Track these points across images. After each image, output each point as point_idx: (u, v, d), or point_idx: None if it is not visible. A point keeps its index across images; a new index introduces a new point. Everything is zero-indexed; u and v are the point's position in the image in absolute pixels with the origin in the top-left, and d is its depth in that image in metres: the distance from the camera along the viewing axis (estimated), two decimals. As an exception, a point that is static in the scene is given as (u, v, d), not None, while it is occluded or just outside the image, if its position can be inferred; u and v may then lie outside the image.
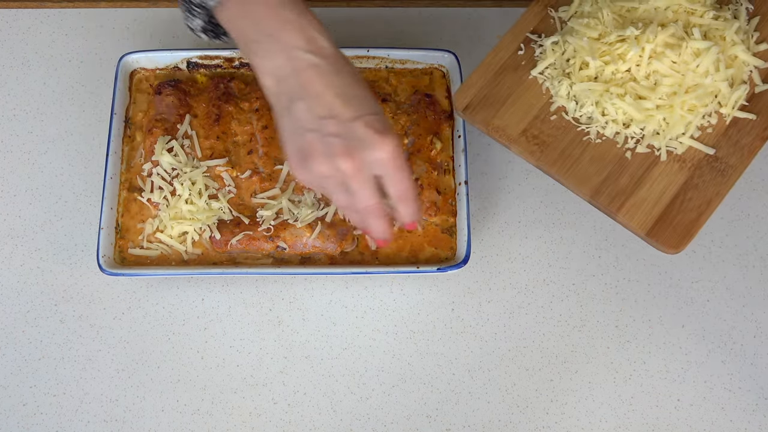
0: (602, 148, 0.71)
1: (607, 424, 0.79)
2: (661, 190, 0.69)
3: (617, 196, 0.69)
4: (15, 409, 0.80)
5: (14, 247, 0.85)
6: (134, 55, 0.87)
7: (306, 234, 0.80)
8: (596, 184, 0.70)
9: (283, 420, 0.79)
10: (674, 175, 0.70)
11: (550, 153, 0.71)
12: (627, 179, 0.70)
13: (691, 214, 0.68)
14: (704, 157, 0.70)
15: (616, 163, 0.70)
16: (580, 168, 0.71)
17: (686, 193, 0.69)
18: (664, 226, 0.68)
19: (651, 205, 0.69)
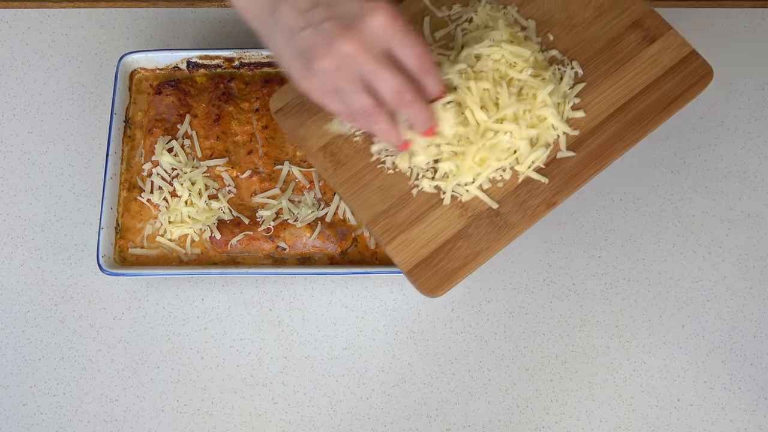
0: (392, 179, 0.71)
1: (607, 424, 0.79)
2: (434, 233, 0.69)
3: (391, 230, 0.69)
4: (15, 409, 0.80)
5: (14, 247, 0.85)
6: (134, 55, 0.87)
7: (306, 234, 0.80)
8: (375, 213, 0.70)
9: (283, 420, 0.79)
10: (453, 220, 0.69)
11: (342, 173, 0.71)
12: (406, 215, 0.70)
13: (455, 263, 0.68)
14: (487, 209, 0.69)
15: (400, 197, 0.70)
16: (366, 194, 0.71)
17: (458, 241, 0.69)
18: (426, 269, 0.68)
19: (420, 246, 0.69)
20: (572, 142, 0.71)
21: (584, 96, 0.73)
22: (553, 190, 0.70)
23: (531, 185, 0.70)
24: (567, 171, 0.70)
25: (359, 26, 0.59)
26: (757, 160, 0.89)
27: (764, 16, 0.94)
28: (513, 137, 0.69)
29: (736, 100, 0.91)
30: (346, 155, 0.72)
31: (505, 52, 0.71)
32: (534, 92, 0.70)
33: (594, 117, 0.72)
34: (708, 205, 0.87)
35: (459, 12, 0.76)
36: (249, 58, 0.87)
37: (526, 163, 0.70)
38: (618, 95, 0.72)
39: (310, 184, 0.82)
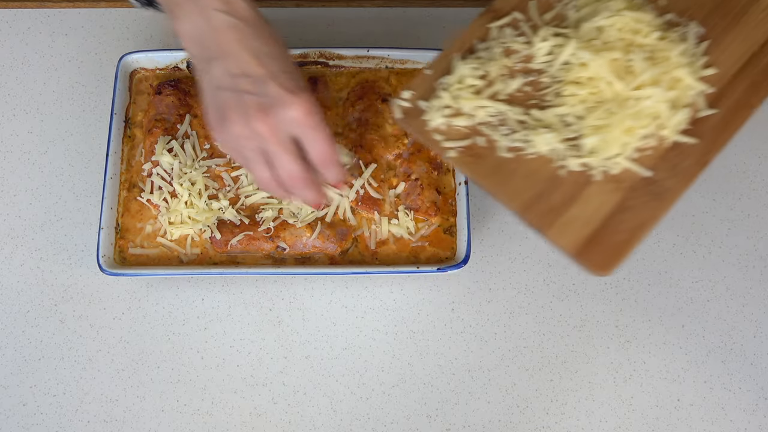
0: (536, 163, 0.69)
1: (607, 424, 0.79)
2: (593, 210, 0.67)
3: (548, 214, 0.67)
4: (15, 409, 0.80)
5: (14, 247, 0.85)
6: (134, 55, 0.87)
7: (306, 234, 0.80)
8: (527, 200, 0.67)
9: (283, 420, 0.79)
10: (608, 195, 0.67)
11: (484, 166, 0.69)
12: (559, 197, 0.67)
13: (622, 236, 0.66)
14: (641, 179, 0.68)
15: (549, 180, 0.68)
16: (513, 183, 0.68)
17: (619, 214, 0.67)
18: (593, 248, 0.66)
19: (582, 225, 0.66)
20: (710, 99, 0.70)
21: (710, 53, 0.72)
22: (703, 150, 0.68)
23: (680, 148, 0.69)
24: (712, 128, 0.69)
25: (274, 112, 0.65)
26: (757, 160, 0.89)
27: (764, 16, 0.94)
28: (656, 102, 0.68)
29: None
30: (483, 148, 0.70)
31: (627, 20, 0.70)
32: (665, 54, 0.70)
33: (726, 71, 0.71)
34: (708, 205, 0.87)
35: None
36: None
37: (671, 126, 0.69)
38: (745, 46, 0.71)
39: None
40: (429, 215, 0.81)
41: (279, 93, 0.65)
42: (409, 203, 0.82)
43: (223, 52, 0.66)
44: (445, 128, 0.70)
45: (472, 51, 0.74)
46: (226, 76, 0.66)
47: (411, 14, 0.96)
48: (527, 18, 0.75)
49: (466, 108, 0.71)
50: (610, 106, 0.68)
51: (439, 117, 0.70)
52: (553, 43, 0.71)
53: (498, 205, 0.86)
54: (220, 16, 0.65)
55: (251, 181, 0.82)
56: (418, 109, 0.72)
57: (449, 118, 0.70)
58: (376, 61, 0.88)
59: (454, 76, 0.72)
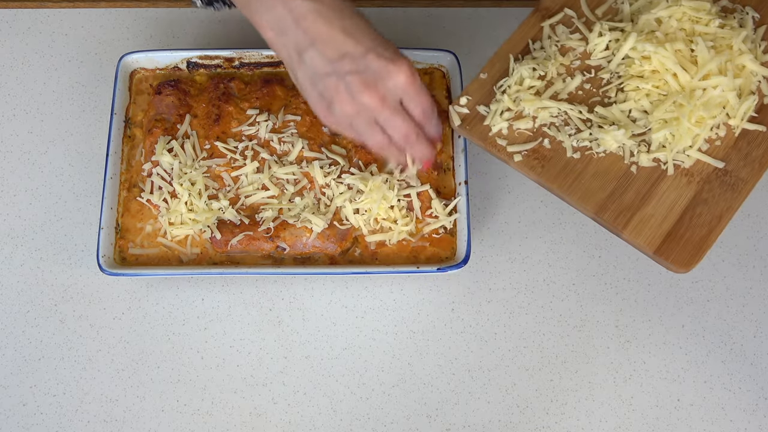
0: (606, 162, 0.68)
1: (607, 424, 0.79)
2: (668, 206, 0.66)
3: (623, 213, 0.66)
4: (15, 409, 0.80)
5: (14, 247, 0.85)
6: (134, 55, 0.87)
7: (306, 234, 0.80)
8: (601, 200, 0.67)
9: (283, 420, 0.79)
10: (682, 189, 0.67)
11: (552, 168, 0.68)
12: (633, 195, 0.67)
13: (701, 231, 0.65)
14: (713, 170, 0.67)
15: (620, 178, 0.67)
16: (583, 183, 0.67)
17: (695, 208, 0.66)
18: (672, 244, 0.65)
19: (659, 222, 0.66)
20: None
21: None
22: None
23: (749, 136, 0.68)
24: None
25: (381, 84, 0.67)
26: (757, 160, 0.89)
27: (764, 16, 0.94)
28: (724, 91, 0.67)
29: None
30: (549, 149, 0.69)
31: (685, 9, 0.70)
32: (727, 42, 0.69)
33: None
34: (708, 205, 0.87)
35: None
36: (249, 58, 0.87)
37: (738, 114, 0.68)
38: None
39: (311, 185, 0.82)
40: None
41: (380, 64, 0.66)
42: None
43: (313, 38, 0.66)
44: (508, 133, 0.70)
45: (527, 51, 0.73)
46: (324, 62, 0.67)
47: (411, 14, 0.96)
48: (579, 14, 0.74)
49: (528, 110, 0.70)
50: (677, 98, 0.67)
51: (501, 121, 0.70)
52: (611, 38, 0.71)
53: (498, 205, 0.86)
54: (302, 3, 0.66)
55: (251, 181, 0.82)
56: (478, 115, 0.71)
57: (511, 121, 0.70)
58: (376, 61, 0.88)
59: (512, 77, 0.71)
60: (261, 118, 0.85)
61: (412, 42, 0.93)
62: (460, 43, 0.93)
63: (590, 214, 0.67)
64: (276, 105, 0.86)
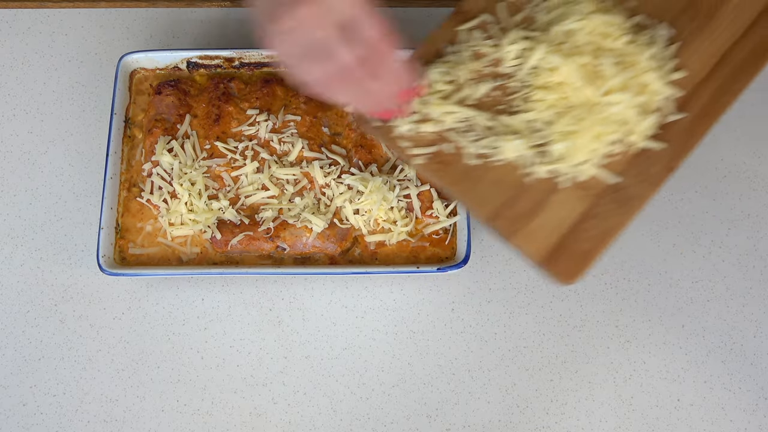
0: (504, 170, 0.68)
1: (607, 424, 0.79)
2: (560, 218, 0.66)
3: (514, 222, 0.66)
4: (15, 409, 0.80)
5: (14, 247, 0.85)
6: (134, 55, 0.87)
7: (306, 234, 0.80)
8: (495, 208, 0.67)
9: (283, 420, 0.79)
10: (575, 202, 0.66)
11: (451, 173, 0.68)
12: (526, 204, 0.66)
13: (588, 244, 0.65)
14: (608, 185, 0.67)
15: (516, 187, 0.67)
16: (480, 190, 0.67)
17: (585, 222, 0.66)
18: (559, 256, 0.65)
19: (548, 233, 0.66)
20: (679, 103, 0.69)
21: (680, 56, 0.71)
22: (670, 155, 0.68)
23: (647, 153, 0.68)
24: (680, 133, 0.68)
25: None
26: (757, 160, 0.89)
27: (764, 16, 0.94)
28: (624, 108, 0.67)
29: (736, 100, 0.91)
30: (450, 154, 0.69)
31: (597, 23, 0.69)
32: (634, 59, 0.69)
33: (695, 75, 0.70)
34: (708, 205, 0.87)
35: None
36: (249, 58, 0.87)
37: (639, 131, 0.68)
38: (714, 48, 0.71)
39: (311, 185, 0.82)
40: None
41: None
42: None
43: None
44: (412, 134, 0.70)
45: (441, 55, 0.73)
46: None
47: (411, 14, 0.96)
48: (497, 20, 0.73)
49: (434, 114, 0.70)
50: (579, 111, 0.68)
51: (406, 123, 0.69)
52: (522, 47, 0.70)
53: (498, 205, 0.86)
54: None
55: (251, 181, 0.82)
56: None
57: (417, 124, 0.70)
58: (376, 61, 0.88)
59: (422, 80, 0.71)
60: (261, 118, 0.85)
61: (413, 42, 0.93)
62: (460, 43, 0.93)
63: (482, 220, 0.67)
64: (276, 105, 0.86)
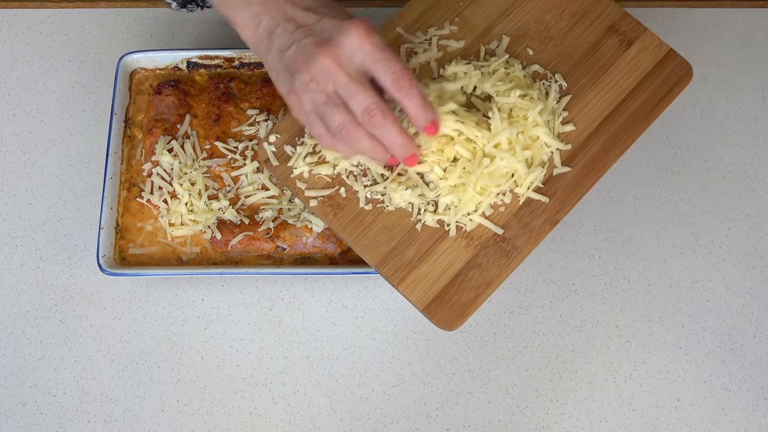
0: (394, 217, 0.70)
1: (607, 424, 0.79)
2: (444, 267, 0.69)
3: (401, 269, 0.69)
4: (15, 409, 0.80)
5: (14, 247, 0.85)
6: (134, 55, 0.87)
7: (306, 234, 0.80)
8: (383, 254, 0.69)
9: (283, 420, 0.79)
10: (460, 251, 0.69)
11: (343, 217, 0.70)
12: (413, 252, 0.69)
13: (469, 294, 0.68)
14: (492, 236, 0.69)
15: (405, 234, 0.70)
16: (370, 235, 0.70)
17: (468, 271, 0.68)
18: (441, 304, 0.68)
19: (432, 281, 0.68)
20: (566, 156, 0.71)
21: (571, 108, 0.73)
22: (554, 208, 0.70)
23: (532, 205, 0.70)
24: (565, 187, 0.71)
25: (334, 42, 0.62)
26: (757, 160, 0.89)
27: (764, 16, 0.94)
28: (509, 162, 0.69)
29: (736, 100, 0.91)
30: (344, 198, 0.71)
31: (489, 80, 0.71)
32: (524, 113, 0.70)
33: (584, 129, 0.72)
34: (708, 205, 0.87)
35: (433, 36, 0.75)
36: (249, 58, 0.87)
37: (525, 184, 0.70)
38: (604, 104, 0.73)
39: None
40: None
41: (333, 24, 0.62)
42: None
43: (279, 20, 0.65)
44: (308, 176, 0.72)
45: None
46: (288, 36, 0.64)
47: (411, 14, 0.96)
48: None
49: (329, 157, 0.72)
50: (466, 165, 0.69)
51: (303, 165, 0.71)
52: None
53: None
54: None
55: (251, 181, 0.82)
56: (285, 154, 0.72)
57: (313, 166, 0.71)
58: (376, 61, 0.88)
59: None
60: (261, 118, 0.85)
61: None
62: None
63: (372, 265, 0.69)
64: (276, 105, 0.86)
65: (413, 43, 0.75)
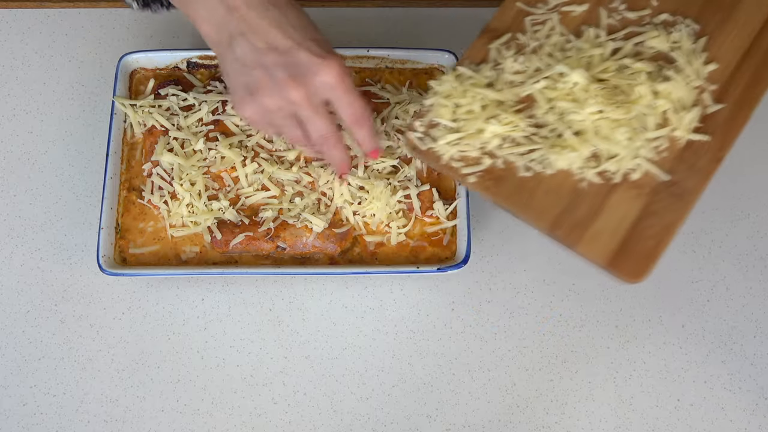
0: (557, 179, 0.69)
1: (607, 424, 0.79)
2: (618, 219, 0.67)
3: (575, 228, 0.67)
4: (15, 409, 0.80)
5: (14, 247, 0.85)
6: (134, 55, 0.87)
7: (306, 234, 0.80)
8: (554, 217, 0.67)
9: (283, 420, 0.79)
10: (632, 202, 0.67)
11: (505, 187, 0.69)
12: (585, 210, 0.67)
13: (650, 242, 0.66)
14: (661, 182, 0.68)
15: (572, 194, 0.68)
16: (536, 201, 0.68)
17: (644, 220, 0.67)
18: (624, 256, 0.66)
19: (609, 236, 0.66)
20: (716, 94, 0.71)
21: (710, 49, 0.72)
22: (716, 145, 0.69)
23: (694, 146, 0.69)
24: (722, 123, 0.70)
25: (307, 80, 0.66)
26: (757, 161, 0.89)
27: (764, 16, 0.94)
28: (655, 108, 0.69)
29: None
30: (501, 169, 0.69)
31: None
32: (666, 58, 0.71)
33: (727, 65, 0.71)
34: (708, 205, 0.87)
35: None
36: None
37: (682, 126, 0.69)
38: (741, 39, 0.72)
39: (311, 185, 0.82)
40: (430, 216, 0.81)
41: (309, 60, 0.65)
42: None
43: (244, 28, 0.65)
44: (457, 155, 0.70)
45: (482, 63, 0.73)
46: (252, 52, 0.65)
47: (411, 14, 0.96)
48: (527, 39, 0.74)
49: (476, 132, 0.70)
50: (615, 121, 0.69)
51: (449, 147, 0.70)
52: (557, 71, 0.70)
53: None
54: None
55: (251, 181, 0.82)
56: (431, 138, 0.71)
57: (458, 144, 0.70)
58: (375, 61, 0.88)
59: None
60: (261, 118, 0.85)
61: (412, 42, 0.93)
62: (460, 43, 0.93)
63: (545, 231, 0.68)
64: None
65: (535, 14, 0.74)
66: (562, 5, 0.74)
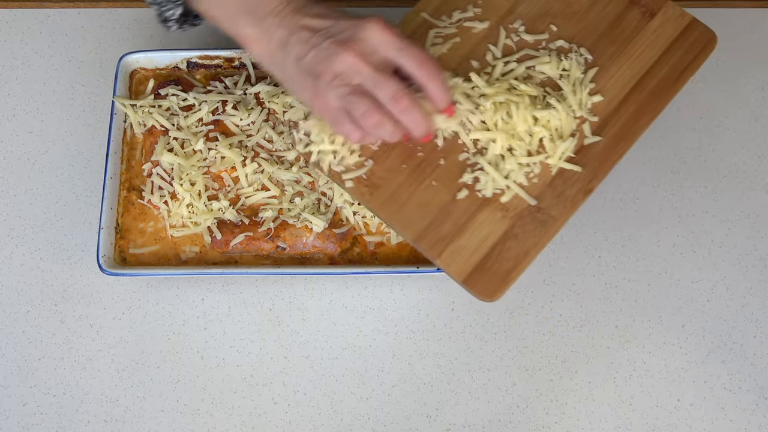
0: (430, 193, 0.71)
1: (607, 424, 0.79)
2: (481, 239, 0.69)
3: (438, 243, 0.69)
4: (15, 409, 0.80)
5: (14, 247, 0.85)
6: (134, 55, 0.87)
7: (306, 234, 0.80)
8: (420, 230, 0.69)
9: (283, 420, 0.79)
10: (496, 223, 0.69)
11: (379, 196, 0.71)
12: (450, 226, 0.69)
13: (507, 264, 0.68)
14: (527, 206, 0.70)
15: (441, 209, 0.70)
16: (406, 212, 0.70)
17: (505, 242, 0.69)
18: (480, 275, 0.68)
19: (470, 253, 0.69)
20: (596, 126, 0.72)
21: (598, 80, 0.73)
22: (587, 177, 0.70)
23: (565, 175, 0.71)
24: (597, 156, 0.71)
25: (356, 38, 0.64)
26: (757, 160, 0.89)
27: (764, 16, 0.94)
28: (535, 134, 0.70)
29: (736, 100, 0.91)
30: (380, 177, 0.71)
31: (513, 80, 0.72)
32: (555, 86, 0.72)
33: (612, 99, 0.73)
34: (708, 205, 0.87)
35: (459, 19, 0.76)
36: (249, 59, 0.87)
37: (556, 155, 0.70)
38: (630, 74, 0.73)
39: (311, 185, 0.82)
40: None
41: (349, 23, 0.65)
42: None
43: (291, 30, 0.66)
44: (338, 159, 0.72)
45: None
46: (303, 44, 0.66)
47: (411, 14, 0.96)
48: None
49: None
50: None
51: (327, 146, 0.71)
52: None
53: (498, 205, 0.86)
54: (279, 3, 0.67)
55: (251, 181, 0.82)
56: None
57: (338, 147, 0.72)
58: (376, 61, 0.88)
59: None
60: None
61: (412, 42, 0.93)
62: (460, 43, 0.93)
63: (410, 241, 0.70)
64: (276, 105, 0.86)
65: (439, 27, 0.75)
66: (465, 20, 0.76)
